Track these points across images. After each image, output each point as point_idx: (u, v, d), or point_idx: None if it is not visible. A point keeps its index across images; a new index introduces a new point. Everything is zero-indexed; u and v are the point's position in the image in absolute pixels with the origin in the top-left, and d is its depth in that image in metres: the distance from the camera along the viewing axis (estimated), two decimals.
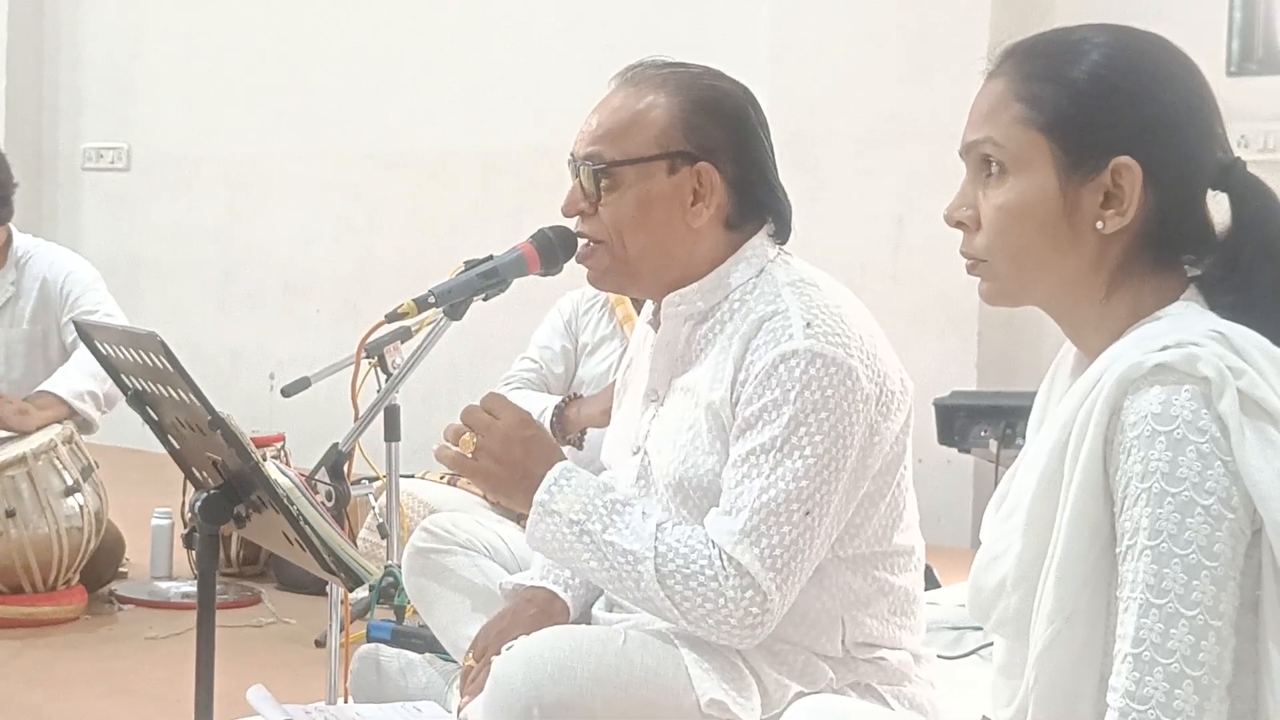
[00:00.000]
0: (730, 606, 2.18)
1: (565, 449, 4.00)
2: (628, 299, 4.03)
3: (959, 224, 1.76)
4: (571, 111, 3.83)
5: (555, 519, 2.26)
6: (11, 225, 4.59)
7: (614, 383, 3.92)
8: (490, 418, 2.31)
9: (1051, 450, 1.64)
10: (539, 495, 2.27)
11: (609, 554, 2.23)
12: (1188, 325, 1.62)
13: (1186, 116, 1.68)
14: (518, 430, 2.31)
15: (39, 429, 4.30)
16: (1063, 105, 1.68)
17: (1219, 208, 1.71)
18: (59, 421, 4.34)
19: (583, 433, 3.96)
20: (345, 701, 2.94)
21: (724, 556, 2.19)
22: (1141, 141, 1.66)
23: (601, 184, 2.38)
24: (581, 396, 4.00)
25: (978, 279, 1.76)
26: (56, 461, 4.24)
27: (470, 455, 2.31)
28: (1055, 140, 1.68)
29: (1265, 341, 1.61)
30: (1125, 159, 1.66)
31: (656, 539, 2.22)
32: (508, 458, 2.30)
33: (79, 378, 4.38)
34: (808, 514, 2.21)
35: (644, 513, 2.25)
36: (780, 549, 2.19)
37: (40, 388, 4.40)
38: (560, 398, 3.96)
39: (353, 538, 3.38)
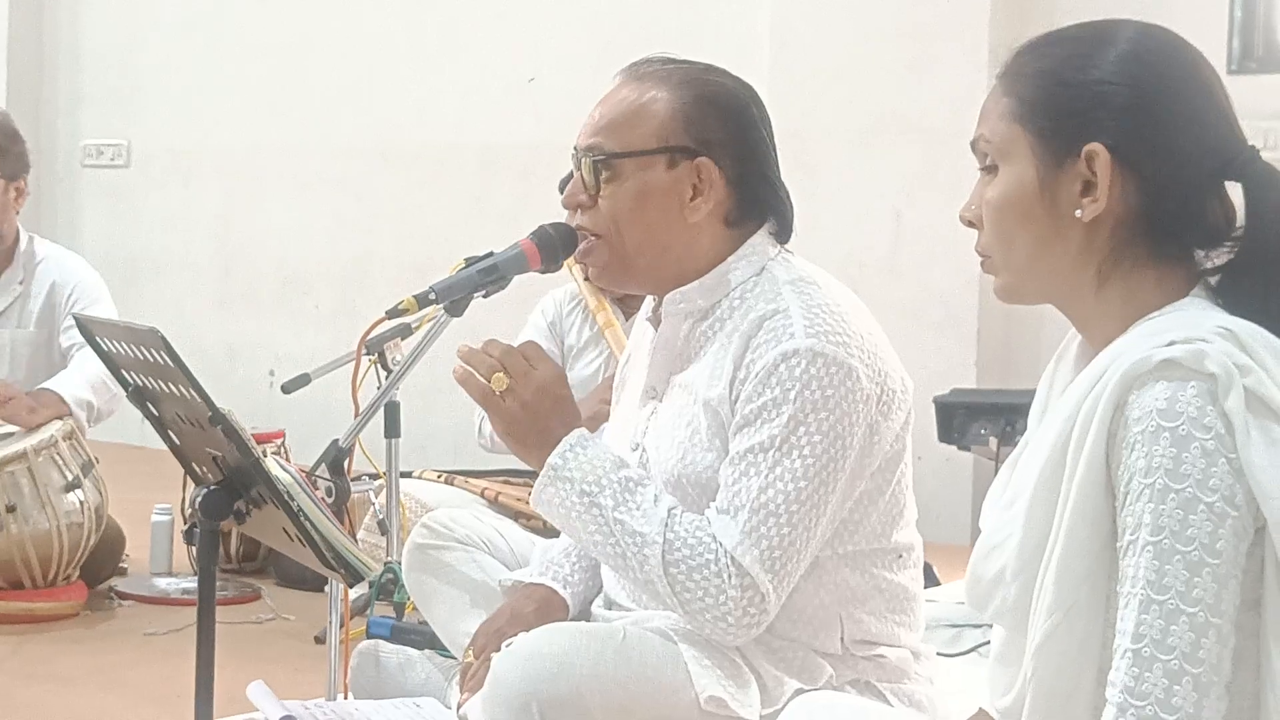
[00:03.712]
0: (730, 605, 2.18)
1: None
2: (607, 305, 4.03)
3: (970, 223, 1.78)
4: (569, 107, 3.82)
5: (566, 485, 2.26)
6: (20, 226, 4.61)
7: (595, 390, 3.94)
8: (528, 365, 2.30)
9: (1054, 442, 1.64)
10: (553, 458, 2.27)
11: (616, 531, 2.23)
12: (1195, 321, 1.62)
13: (1168, 102, 1.68)
14: (552, 386, 2.30)
15: (41, 425, 4.30)
16: (1037, 96, 1.71)
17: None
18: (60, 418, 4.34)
19: None
20: (345, 697, 2.94)
21: (728, 556, 2.19)
22: (1112, 127, 1.67)
23: (601, 176, 2.38)
24: None
25: (991, 277, 1.78)
26: (57, 457, 4.24)
27: (499, 393, 2.29)
28: (1030, 130, 1.71)
29: (1273, 339, 1.61)
30: (1094, 145, 1.67)
31: (667, 525, 2.22)
32: (534, 408, 2.28)
33: (83, 385, 4.38)
34: (805, 515, 2.21)
35: (655, 496, 2.25)
36: (779, 550, 2.20)
37: (44, 385, 4.40)
38: None
39: (353, 534, 3.38)
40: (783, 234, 2.44)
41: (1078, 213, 1.69)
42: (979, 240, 1.77)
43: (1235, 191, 1.71)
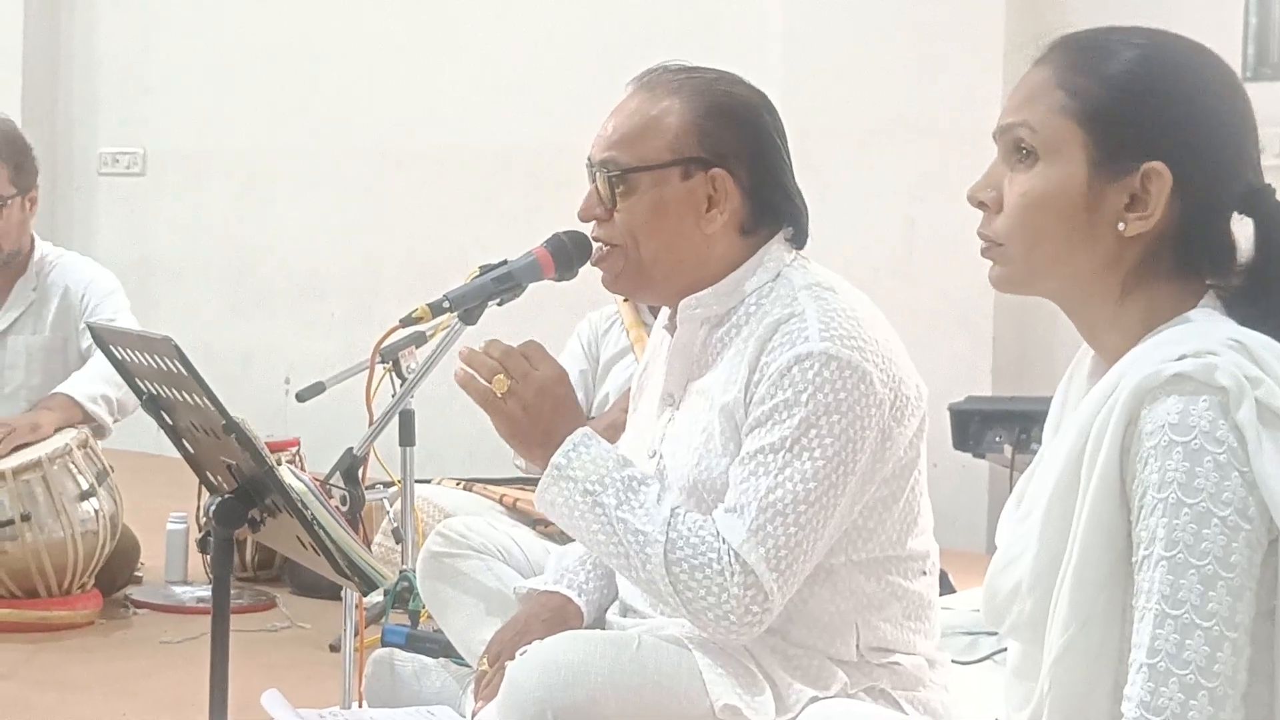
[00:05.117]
0: (732, 603, 2.18)
1: None
2: (641, 325, 4.04)
3: (981, 204, 1.75)
4: (582, 108, 3.82)
5: (569, 485, 2.25)
6: (35, 234, 4.62)
7: (616, 401, 3.94)
8: (529, 365, 2.30)
9: (1068, 456, 1.63)
10: (556, 458, 2.26)
11: (619, 530, 2.23)
12: (1206, 333, 1.61)
13: (1223, 132, 1.68)
14: (553, 386, 2.30)
15: (56, 432, 4.30)
16: (1103, 100, 1.67)
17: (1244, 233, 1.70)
18: (73, 425, 4.35)
19: None
20: (360, 706, 2.94)
21: (732, 553, 2.19)
22: (1176, 150, 1.65)
23: (617, 190, 2.38)
24: (590, 417, 4.00)
25: (989, 264, 1.75)
26: (72, 465, 4.24)
27: (500, 395, 2.29)
28: (1090, 133, 1.67)
29: None
30: (1158, 165, 1.65)
31: (670, 524, 2.22)
32: (536, 409, 2.28)
33: (95, 381, 4.39)
34: (813, 516, 2.21)
35: (659, 495, 2.25)
36: (784, 549, 2.20)
37: (55, 390, 4.41)
38: None
39: (367, 542, 3.38)
40: (798, 239, 2.44)
41: (1121, 226, 1.67)
42: (990, 224, 1.73)
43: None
